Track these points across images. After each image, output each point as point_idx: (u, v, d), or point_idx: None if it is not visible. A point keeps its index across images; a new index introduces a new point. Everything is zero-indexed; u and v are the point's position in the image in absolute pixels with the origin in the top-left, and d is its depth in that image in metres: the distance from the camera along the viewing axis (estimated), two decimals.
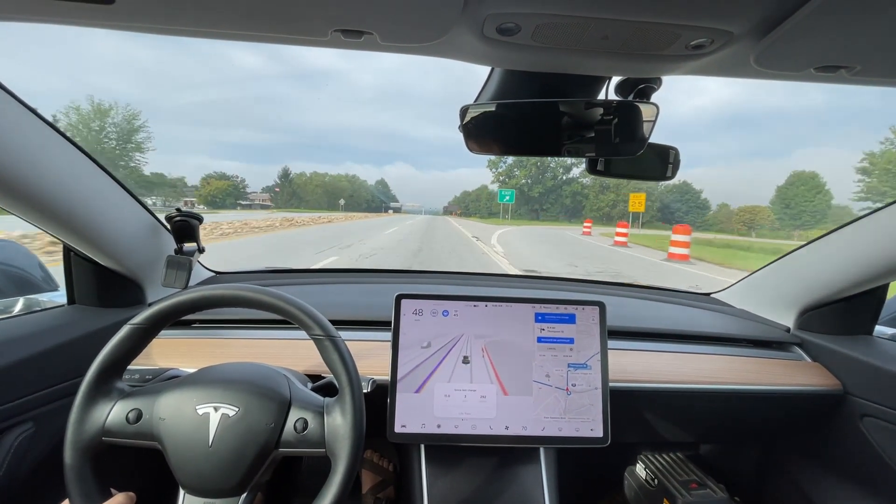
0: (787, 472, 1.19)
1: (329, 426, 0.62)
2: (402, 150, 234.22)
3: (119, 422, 0.61)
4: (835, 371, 1.05)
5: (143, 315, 0.63)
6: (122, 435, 0.61)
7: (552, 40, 0.52)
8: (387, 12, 0.47)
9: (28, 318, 0.88)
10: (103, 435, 0.60)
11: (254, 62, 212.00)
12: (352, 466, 0.60)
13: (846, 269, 0.98)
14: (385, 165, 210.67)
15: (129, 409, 0.62)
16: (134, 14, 0.48)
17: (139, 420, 0.61)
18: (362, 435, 0.62)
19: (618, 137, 0.72)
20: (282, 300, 0.64)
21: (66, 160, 0.77)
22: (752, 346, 1.15)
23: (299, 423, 0.62)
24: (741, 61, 0.56)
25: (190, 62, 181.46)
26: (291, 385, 0.67)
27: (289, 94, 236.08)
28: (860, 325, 1.10)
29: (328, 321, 0.65)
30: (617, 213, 56.10)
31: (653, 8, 0.45)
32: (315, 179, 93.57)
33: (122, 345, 0.62)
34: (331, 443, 0.61)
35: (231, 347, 0.98)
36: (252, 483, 0.62)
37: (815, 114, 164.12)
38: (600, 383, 0.86)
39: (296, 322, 0.65)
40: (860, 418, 0.99)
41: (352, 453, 0.60)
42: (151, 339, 0.65)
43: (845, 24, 0.45)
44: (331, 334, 0.64)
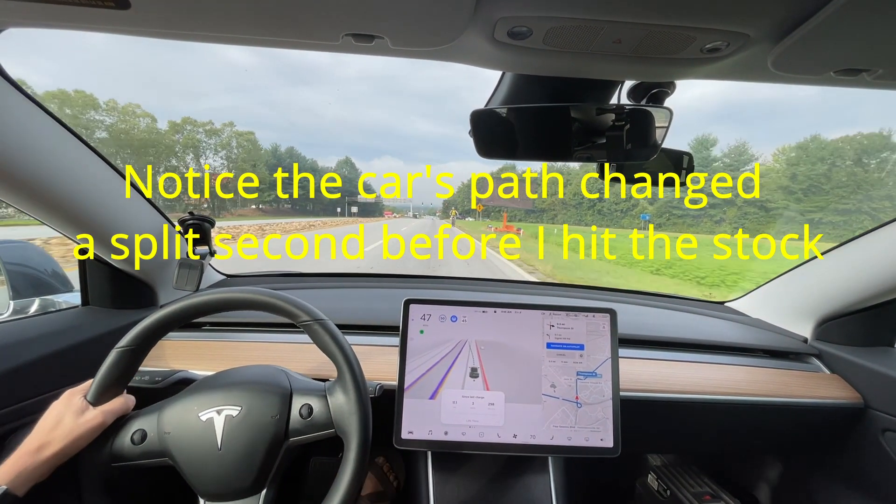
0: (804, 488, 1.15)
1: (334, 406, 0.62)
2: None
3: (125, 445, 0.61)
4: (855, 384, 1.02)
5: (128, 337, 0.63)
6: (130, 457, 0.61)
7: (564, 44, 0.52)
8: (398, 17, 0.47)
9: (43, 318, 0.90)
10: (112, 461, 0.61)
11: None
12: (364, 440, 0.60)
13: (865, 279, 0.96)
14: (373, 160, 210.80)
15: (133, 431, 0.62)
16: (149, 20, 0.49)
17: (144, 440, 0.62)
18: (368, 409, 0.62)
19: (630, 143, 0.71)
20: (262, 295, 0.64)
21: (80, 162, 0.78)
22: (769, 357, 1.12)
23: (304, 410, 0.62)
24: (758, 65, 0.54)
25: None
26: (290, 376, 0.68)
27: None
28: (881, 337, 1.06)
29: (311, 305, 0.65)
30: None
31: (667, 11, 0.45)
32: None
33: (113, 369, 0.62)
34: (339, 421, 0.61)
35: (240, 350, 0.99)
36: (269, 478, 0.62)
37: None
38: (611, 392, 0.84)
39: (281, 314, 0.65)
40: (882, 433, 0.95)
41: (362, 427, 0.60)
42: (143, 357, 0.65)
43: (866, 27, 0.44)
44: (318, 317, 0.64)
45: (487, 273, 9.00)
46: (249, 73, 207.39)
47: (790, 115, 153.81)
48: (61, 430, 0.57)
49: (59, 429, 0.57)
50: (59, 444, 0.56)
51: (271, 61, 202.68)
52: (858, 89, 0.59)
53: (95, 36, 11.64)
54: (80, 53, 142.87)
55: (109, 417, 0.61)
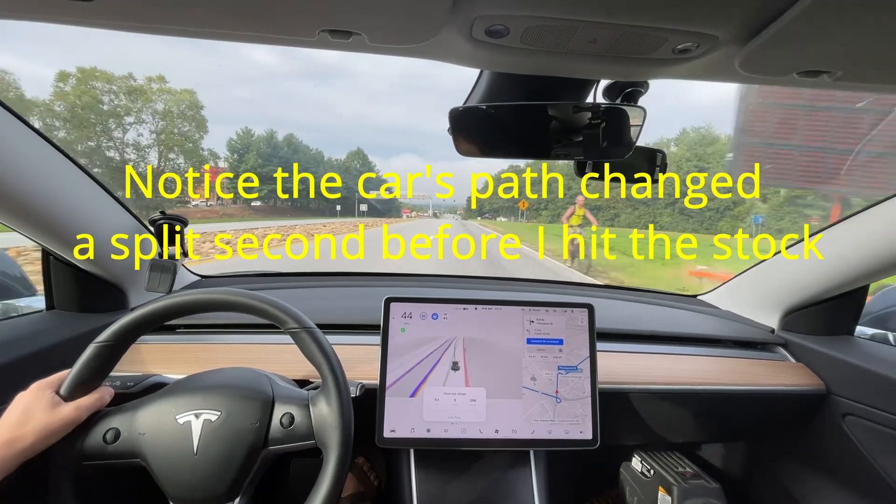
0: (773, 471, 1.20)
1: (316, 417, 0.61)
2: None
3: (96, 443, 0.59)
4: (818, 371, 1.07)
5: (108, 332, 0.61)
6: (101, 456, 0.59)
7: (541, 43, 0.53)
8: (375, 13, 0.46)
9: (3, 324, 0.85)
10: (83, 459, 0.58)
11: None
12: (344, 454, 0.59)
13: (828, 272, 1.01)
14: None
15: (106, 430, 0.60)
16: (114, 12, 0.47)
17: (117, 439, 0.60)
18: (351, 422, 0.61)
19: (606, 141, 0.72)
20: (252, 298, 0.63)
21: (41, 158, 0.75)
22: (738, 347, 1.17)
23: (285, 419, 0.61)
24: (726, 66, 0.56)
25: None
26: (273, 383, 0.66)
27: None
28: (842, 326, 1.12)
29: (300, 312, 0.64)
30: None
31: (640, 12, 0.46)
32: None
33: (90, 363, 0.60)
34: (320, 433, 0.60)
35: (216, 352, 0.96)
36: (245, 486, 0.61)
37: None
38: (589, 385, 0.86)
39: (269, 319, 0.63)
40: (842, 417, 1.01)
41: (342, 441, 0.59)
42: (121, 354, 0.63)
43: (825, 31, 0.46)
44: (306, 325, 0.63)
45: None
46: (268, 70, 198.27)
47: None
48: (33, 425, 0.54)
49: (30, 423, 0.54)
50: (31, 438, 0.53)
51: (290, 61, 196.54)
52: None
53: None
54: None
55: (83, 413, 0.58)
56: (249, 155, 58.30)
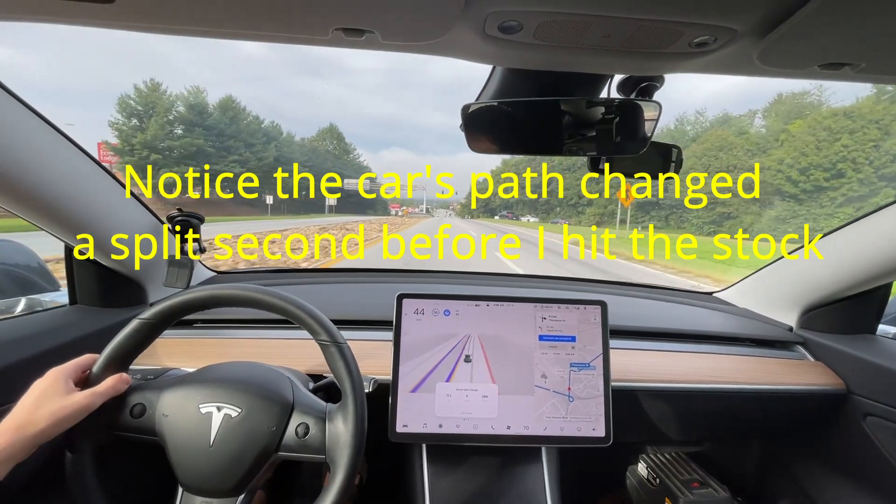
0: (790, 472, 1.18)
1: (330, 433, 0.62)
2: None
3: (123, 415, 0.62)
4: (838, 370, 1.04)
5: (153, 310, 0.63)
6: (126, 428, 0.62)
7: (554, 38, 0.52)
8: (388, 11, 0.47)
9: (30, 318, 0.88)
10: (109, 427, 0.61)
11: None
12: (350, 475, 0.60)
13: (848, 269, 0.98)
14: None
15: (134, 403, 0.62)
16: (134, 13, 0.48)
17: (143, 415, 0.62)
18: (363, 444, 0.62)
19: (619, 136, 0.71)
20: (291, 303, 0.64)
21: (65, 159, 0.77)
22: (755, 346, 1.15)
23: (301, 429, 0.62)
24: (745, 59, 0.55)
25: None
26: (295, 388, 0.67)
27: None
28: (863, 325, 1.09)
29: (334, 326, 0.65)
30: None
31: (656, 6, 0.45)
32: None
33: (130, 338, 0.63)
34: (331, 450, 0.61)
35: (233, 347, 0.98)
36: (250, 485, 0.62)
37: None
38: (602, 383, 0.86)
39: (303, 326, 0.65)
40: (863, 418, 0.98)
41: (351, 462, 0.60)
42: (158, 334, 0.65)
43: (849, 22, 0.45)
44: (337, 340, 0.64)
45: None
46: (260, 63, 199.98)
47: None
48: (46, 410, 0.55)
49: (44, 408, 0.55)
50: (43, 423, 0.54)
51: (278, 55, 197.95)
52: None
53: None
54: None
55: (98, 400, 0.59)
56: (151, 121, 36.71)
